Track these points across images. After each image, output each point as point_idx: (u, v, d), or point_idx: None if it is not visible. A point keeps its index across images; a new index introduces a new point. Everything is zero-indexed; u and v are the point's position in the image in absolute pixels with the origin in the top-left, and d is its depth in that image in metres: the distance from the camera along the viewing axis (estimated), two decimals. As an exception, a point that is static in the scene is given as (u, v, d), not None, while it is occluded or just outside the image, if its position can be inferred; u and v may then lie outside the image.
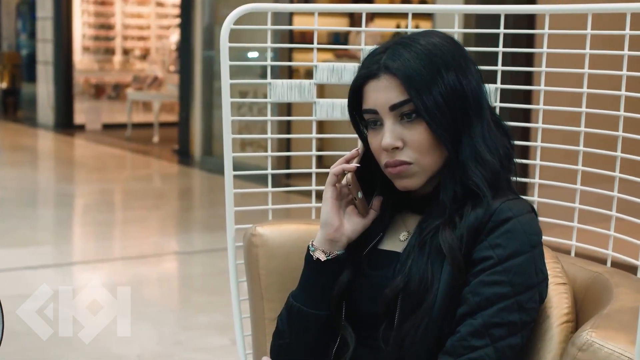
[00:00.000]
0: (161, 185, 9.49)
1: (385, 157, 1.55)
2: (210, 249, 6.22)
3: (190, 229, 7.18)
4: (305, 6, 2.03)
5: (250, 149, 9.68)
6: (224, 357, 4.02)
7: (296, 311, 1.62)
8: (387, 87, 1.53)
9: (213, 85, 10.15)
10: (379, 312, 1.54)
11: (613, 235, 1.85)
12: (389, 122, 1.53)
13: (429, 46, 1.54)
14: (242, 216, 2.07)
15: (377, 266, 1.61)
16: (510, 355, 1.47)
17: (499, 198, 1.52)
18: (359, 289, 1.60)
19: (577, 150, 1.93)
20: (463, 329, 1.46)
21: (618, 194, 1.84)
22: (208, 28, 10.06)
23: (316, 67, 2.06)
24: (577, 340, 1.36)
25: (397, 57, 1.53)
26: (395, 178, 1.56)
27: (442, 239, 1.50)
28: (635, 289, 1.57)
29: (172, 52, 13.87)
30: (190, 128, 10.35)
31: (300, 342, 1.63)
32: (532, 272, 1.48)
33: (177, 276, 5.68)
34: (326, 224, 1.60)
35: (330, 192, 1.60)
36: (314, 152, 2.13)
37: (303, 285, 1.64)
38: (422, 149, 1.53)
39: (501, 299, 1.45)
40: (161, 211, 7.81)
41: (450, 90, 1.51)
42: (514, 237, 1.47)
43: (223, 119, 2.01)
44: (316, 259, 1.60)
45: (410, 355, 1.49)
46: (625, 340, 1.33)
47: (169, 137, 11.82)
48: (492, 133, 1.56)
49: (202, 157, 10.18)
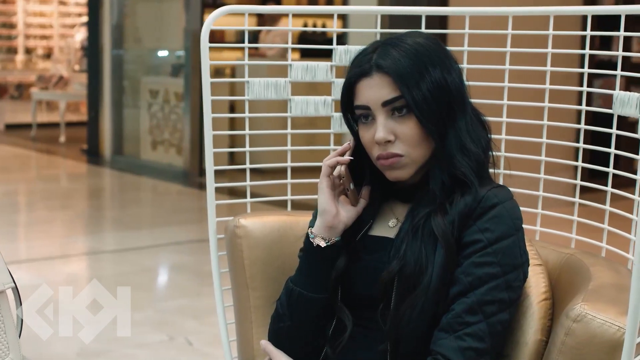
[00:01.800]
0: (70, 185, 9.38)
1: (378, 150, 1.66)
2: (126, 249, 6.22)
3: (102, 228, 7.15)
4: (279, 8, 2.11)
5: (161, 147, 9.67)
6: (164, 352, 4.08)
7: (297, 295, 1.72)
8: (380, 85, 1.64)
9: (123, 84, 10.09)
10: (375, 294, 1.65)
11: (576, 219, 2.00)
12: (381, 117, 1.64)
13: (415, 45, 1.65)
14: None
15: (370, 251, 1.72)
16: (500, 330, 1.60)
17: (484, 186, 1.65)
18: (356, 272, 1.71)
19: (540, 142, 2.08)
20: (457, 307, 1.58)
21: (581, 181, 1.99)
22: (117, 26, 10.00)
23: (291, 66, 2.16)
24: (571, 312, 1.49)
25: (387, 56, 1.64)
26: (387, 169, 1.67)
27: (435, 224, 1.62)
28: (608, 267, 1.72)
29: (77, 51, 13.69)
30: (99, 127, 10.27)
31: (301, 324, 1.73)
32: (518, 254, 1.62)
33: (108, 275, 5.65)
34: (325, 212, 1.70)
35: (325, 182, 1.70)
36: (289, 147, 2.22)
37: (303, 270, 1.73)
38: (413, 142, 1.64)
39: (491, 278, 1.58)
40: (71, 211, 7.74)
41: (436, 86, 1.63)
42: (501, 221, 1.61)
43: (204, 116, 2.08)
44: (316, 246, 1.70)
45: (407, 332, 1.61)
46: (614, 312, 1.47)
47: (76, 136, 11.67)
48: (474, 126, 1.69)
49: (113, 157, 10.12)
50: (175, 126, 9.43)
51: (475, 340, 1.56)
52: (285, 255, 2.04)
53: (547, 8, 2.04)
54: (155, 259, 6.07)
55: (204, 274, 5.64)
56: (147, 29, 9.99)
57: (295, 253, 1.98)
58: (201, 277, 5.32)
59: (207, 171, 2.10)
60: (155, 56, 10.14)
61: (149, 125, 9.80)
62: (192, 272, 5.56)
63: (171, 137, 9.53)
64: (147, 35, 10.07)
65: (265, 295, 2.03)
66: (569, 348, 1.48)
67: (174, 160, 9.47)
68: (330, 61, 2.15)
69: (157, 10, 9.93)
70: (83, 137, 10.96)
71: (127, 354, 3.99)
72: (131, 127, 10.06)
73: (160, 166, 9.52)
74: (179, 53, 9.59)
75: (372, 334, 1.68)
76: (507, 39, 2.10)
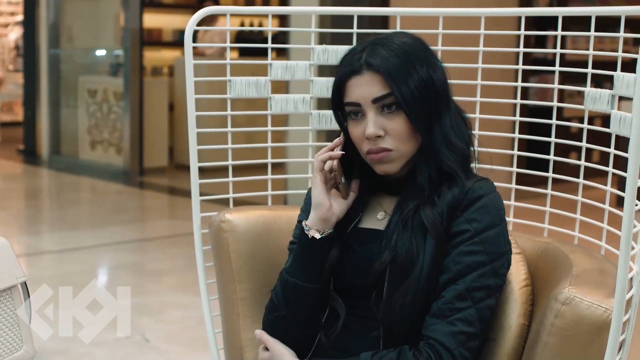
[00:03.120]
0: (6, 186, 9.26)
1: (368, 145, 1.73)
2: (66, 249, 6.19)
3: (41, 229, 7.10)
4: (260, 9, 2.15)
5: (100, 147, 9.62)
6: (122, 349, 4.10)
7: (292, 285, 1.78)
8: (370, 82, 1.71)
9: (60, 84, 10.01)
10: (367, 283, 1.73)
11: (548, 210, 2.11)
12: (372, 114, 1.72)
13: (402, 45, 1.73)
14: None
15: (361, 242, 1.79)
16: (488, 315, 1.69)
17: (469, 179, 1.74)
18: (348, 263, 1.78)
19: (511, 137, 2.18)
20: (447, 294, 1.67)
21: (553, 174, 2.10)
22: (54, 25, 9.92)
23: (271, 65, 2.22)
24: (559, 296, 1.59)
25: (376, 55, 1.72)
26: (376, 164, 1.75)
27: (425, 215, 1.71)
28: (585, 254, 1.82)
29: (11, 50, 13.50)
30: (36, 127, 10.17)
31: (295, 314, 1.79)
32: (502, 242, 1.71)
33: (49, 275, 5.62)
34: (319, 205, 1.77)
35: (319, 177, 1.77)
36: (269, 144, 2.28)
37: (298, 261, 1.80)
38: (402, 137, 1.72)
39: (479, 266, 1.67)
40: (8, 212, 7.65)
41: (423, 83, 1.71)
42: (487, 212, 1.70)
43: (188, 114, 2.14)
44: (311, 237, 1.77)
45: (400, 319, 1.69)
46: (600, 295, 1.57)
47: (10, 137, 11.53)
48: (457, 122, 1.78)
49: (50, 157, 10.03)
50: (115, 126, 9.39)
51: (465, 324, 1.65)
52: (270, 248, 2.10)
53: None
54: (97, 258, 6.05)
55: (148, 272, 5.66)
56: (85, 28, 9.92)
57: (280, 246, 2.06)
58: (146, 276, 5.34)
59: (191, 168, 2.16)
60: (93, 55, 10.08)
61: (87, 124, 9.74)
62: (135, 271, 5.57)
63: (110, 137, 9.48)
64: (84, 35, 10.00)
65: (252, 287, 2.09)
66: (558, 329, 1.58)
67: (113, 159, 9.43)
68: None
69: (95, 9, 9.87)
70: (18, 137, 10.83)
71: (85, 353, 3.99)
72: (69, 127, 9.98)
73: (99, 166, 9.48)
74: (117, 52, 9.55)
75: (364, 322, 1.76)
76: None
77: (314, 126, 2.26)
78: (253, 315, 2.10)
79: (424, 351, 1.64)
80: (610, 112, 1.89)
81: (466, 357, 1.64)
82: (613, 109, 1.89)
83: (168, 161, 9.68)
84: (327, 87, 2.23)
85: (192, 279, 5.67)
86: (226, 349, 2.16)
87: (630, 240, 1.51)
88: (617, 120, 1.86)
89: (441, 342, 1.64)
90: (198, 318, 4.63)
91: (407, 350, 1.66)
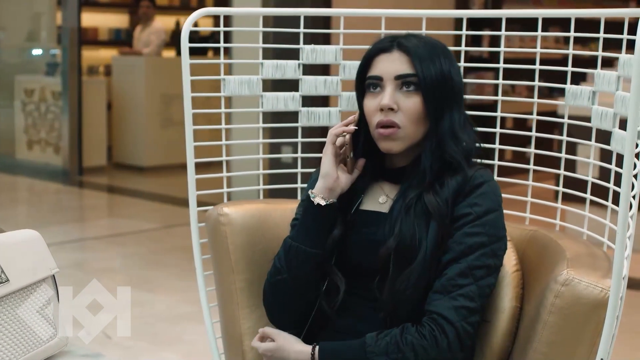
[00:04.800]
0: None
1: (379, 116, 1.85)
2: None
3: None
4: (252, 10, 2.22)
5: (38, 147, 9.55)
6: (85, 346, 4.12)
7: (295, 249, 1.88)
8: (398, 60, 1.86)
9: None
10: (372, 265, 1.84)
11: (530, 200, 2.24)
12: (390, 88, 1.85)
13: (430, 40, 1.90)
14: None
15: (365, 223, 1.91)
16: (487, 293, 1.82)
17: (471, 168, 1.86)
18: (351, 243, 1.90)
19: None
20: (450, 272, 1.79)
21: (534, 166, 2.23)
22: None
23: (262, 64, 2.31)
24: (559, 278, 1.71)
25: (408, 40, 1.87)
26: (383, 140, 1.86)
27: (428, 200, 1.83)
28: (574, 240, 1.96)
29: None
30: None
31: (296, 277, 1.89)
32: (501, 226, 1.85)
33: None
34: (327, 175, 1.88)
35: (330, 149, 1.89)
36: (260, 139, 2.37)
37: (302, 227, 1.90)
38: (413, 117, 1.84)
39: (480, 246, 1.79)
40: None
41: (444, 74, 1.85)
42: (488, 197, 1.83)
43: (185, 111, 2.20)
44: (317, 204, 1.87)
45: (404, 299, 1.80)
46: (596, 276, 1.70)
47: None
48: (466, 121, 1.91)
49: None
50: (53, 125, 9.33)
51: (467, 300, 1.77)
52: (266, 240, 2.19)
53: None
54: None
55: (97, 271, 5.66)
56: (21, 27, 9.83)
57: (275, 238, 2.16)
58: (94, 274, 5.34)
59: (188, 163, 2.23)
60: (30, 55, 9.99)
61: (24, 124, 9.65)
62: (79, 269, 5.57)
63: (48, 136, 9.42)
64: (20, 34, 9.91)
65: (249, 278, 2.18)
66: (558, 309, 1.70)
67: (51, 159, 9.37)
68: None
69: (31, 8, 9.79)
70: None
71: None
72: (5, 127, 9.88)
73: (37, 165, 9.41)
74: (54, 51, 9.49)
75: (366, 303, 1.87)
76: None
77: (302, 123, 2.36)
78: (251, 305, 2.18)
79: (427, 325, 1.76)
80: (592, 107, 2.03)
81: (467, 331, 1.76)
82: (594, 104, 2.03)
83: (107, 160, 9.67)
84: (316, 86, 2.34)
85: (144, 276, 5.75)
86: (224, 338, 2.23)
87: (627, 225, 1.64)
88: (598, 115, 2.00)
89: (444, 316, 1.75)
90: (157, 315, 4.69)
91: (409, 326, 1.77)
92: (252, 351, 2.12)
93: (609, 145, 1.93)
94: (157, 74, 9.38)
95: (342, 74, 2.33)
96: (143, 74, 9.30)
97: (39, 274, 1.59)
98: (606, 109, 1.97)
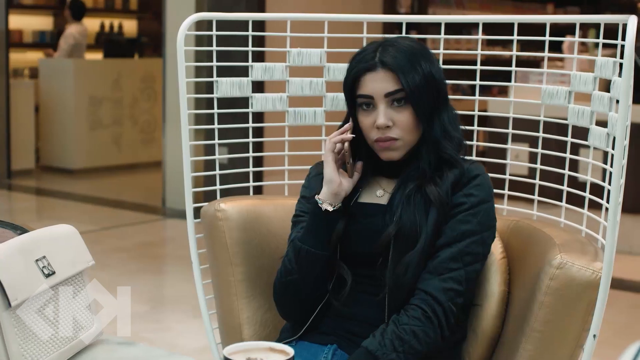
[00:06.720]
0: None
1: (376, 134, 1.98)
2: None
3: None
4: (243, 15, 2.31)
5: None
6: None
7: (305, 252, 2.00)
8: (384, 79, 1.96)
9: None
10: (372, 252, 1.97)
11: (507, 193, 2.40)
12: (382, 106, 1.97)
13: (409, 46, 1.99)
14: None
15: (365, 215, 2.03)
16: (474, 278, 1.98)
17: (464, 162, 2.01)
18: (354, 233, 2.02)
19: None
20: (442, 255, 1.93)
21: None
22: None
23: (252, 67, 2.42)
24: (553, 261, 1.87)
25: (388, 55, 1.97)
26: (383, 151, 2.00)
27: (430, 191, 1.96)
28: (556, 227, 2.13)
29: None
30: None
31: (306, 277, 2.01)
32: (492, 216, 2.00)
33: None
34: (331, 181, 1.99)
35: (331, 156, 2.01)
36: (251, 139, 2.47)
37: (311, 231, 2.01)
38: (407, 128, 1.98)
39: (472, 234, 1.95)
40: None
41: (427, 78, 1.97)
42: (482, 189, 1.98)
43: (180, 112, 2.30)
44: (325, 210, 2.00)
45: (404, 282, 1.94)
46: (586, 260, 1.87)
47: None
48: (453, 117, 2.05)
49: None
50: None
51: (455, 283, 1.92)
52: (261, 235, 2.30)
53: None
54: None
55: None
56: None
57: (270, 232, 2.30)
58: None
59: (184, 162, 2.33)
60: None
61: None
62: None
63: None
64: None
65: (246, 271, 2.29)
66: (553, 290, 1.86)
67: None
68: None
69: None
70: None
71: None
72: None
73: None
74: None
75: (369, 289, 2.00)
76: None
77: (289, 122, 2.47)
78: (249, 296, 2.29)
79: (418, 308, 1.90)
80: (568, 106, 2.19)
81: (453, 311, 1.92)
82: (570, 103, 2.20)
83: (35, 163, 9.58)
84: (302, 87, 2.45)
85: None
86: (222, 329, 2.33)
87: (618, 211, 1.81)
88: (574, 113, 2.17)
89: (435, 296, 1.90)
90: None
91: (399, 317, 1.90)
92: (250, 340, 2.22)
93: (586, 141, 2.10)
94: (85, 76, 9.34)
95: (327, 75, 2.45)
96: (71, 77, 9.25)
97: (78, 266, 1.67)
98: (583, 107, 2.14)
